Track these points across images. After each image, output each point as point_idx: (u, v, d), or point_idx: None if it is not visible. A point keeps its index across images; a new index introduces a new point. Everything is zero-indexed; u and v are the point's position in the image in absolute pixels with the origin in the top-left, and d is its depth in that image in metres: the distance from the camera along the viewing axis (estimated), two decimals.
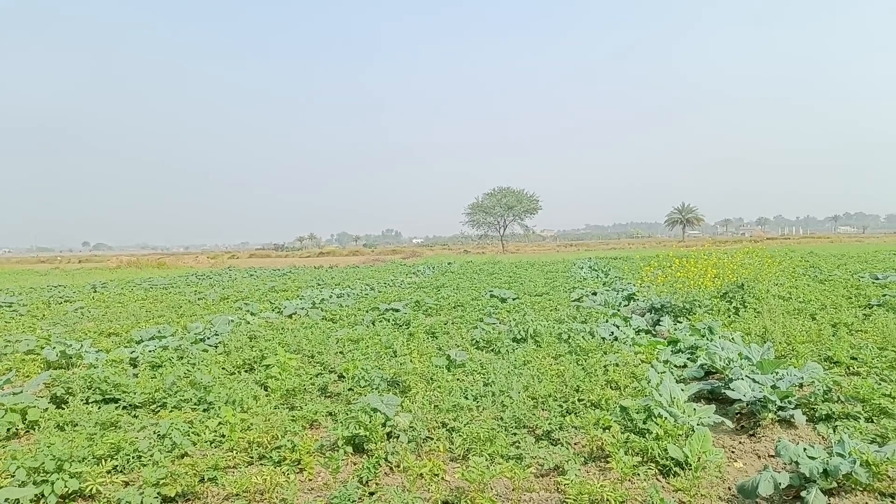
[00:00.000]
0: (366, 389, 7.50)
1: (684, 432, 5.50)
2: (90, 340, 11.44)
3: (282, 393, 7.47)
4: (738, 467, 5.28)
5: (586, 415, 6.08)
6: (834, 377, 6.97)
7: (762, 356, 7.67)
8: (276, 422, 6.13)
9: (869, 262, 28.17)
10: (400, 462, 5.29)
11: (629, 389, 7.19)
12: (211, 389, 7.37)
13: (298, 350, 10.02)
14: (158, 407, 7.24)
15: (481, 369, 8.42)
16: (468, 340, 10.64)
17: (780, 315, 11.61)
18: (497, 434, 5.68)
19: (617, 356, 8.70)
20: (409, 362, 8.61)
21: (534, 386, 7.25)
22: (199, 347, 10.69)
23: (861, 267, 25.13)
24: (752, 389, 6.47)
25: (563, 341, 10.19)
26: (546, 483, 4.98)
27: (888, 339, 9.11)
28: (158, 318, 16.16)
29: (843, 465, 4.41)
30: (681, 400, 6.11)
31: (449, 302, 16.99)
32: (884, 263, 26.94)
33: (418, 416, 6.23)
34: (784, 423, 6.22)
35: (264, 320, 14.83)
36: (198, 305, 19.50)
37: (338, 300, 19.39)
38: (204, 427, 6.11)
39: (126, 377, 8.32)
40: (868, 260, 30.44)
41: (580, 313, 13.53)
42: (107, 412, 6.66)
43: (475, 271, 34.17)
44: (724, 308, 12.67)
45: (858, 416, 6.03)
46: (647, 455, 5.17)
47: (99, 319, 16.38)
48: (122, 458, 5.39)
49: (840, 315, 11.60)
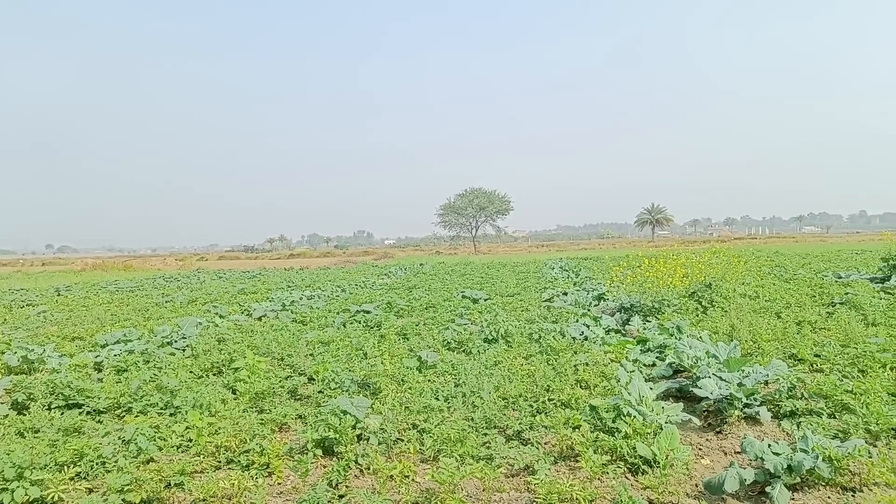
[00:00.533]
0: (336, 392, 7.44)
1: (653, 430, 5.55)
2: (53, 345, 11.20)
3: (250, 396, 7.37)
4: (706, 464, 5.34)
5: (556, 414, 6.10)
6: (798, 374, 7.08)
7: (729, 354, 7.77)
8: (244, 425, 6.05)
9: (832, 262, 28.79)
10: (370, 464, 5.25)
11: (599, 389, 7.23)
12: (178, 393, 7.25)
13: (268, 353, 9.93)
14: (124, 412, 7.10)
15: (452, 370, 8.41)
16: (440, 341, 10.63)
17: (746, 314, 11.79)
18: (468, 435, 5.68)
19: (587, 356, 8.76)
20: (379, 364, 8.58)
21: (504, 386, 7.26)
22: (166, 351, 10.53)
23: (825, 266, 25.67)
24: (718, 387, 6.55)
25: (534, 341, 10.23)
26: (516, 483, 4.98)
27: (850, 337, 9.29)
28: (124, 321, 15.89)
29: (806, 460, 4.49)
30: (649, 398, 6.17)
31: (421, 303, 16.97)
32: (846, 262, 27.53)
33: (389, 418, 6.20)
34: (750, 420, 6.31)
35: (233, 323, 14.67)
36: (165, 308, 19.20)
37: (308, 302, 19.25)
38: (170, 432, 6.01)
39: (90, 382, 8.14)
40: (831, 259, 31.11)
41: (551, 313, 13.61)
42: (70, 418, 6.50)
43: (447, 272, 34.20)
44: (692, 307, 12.83)
45: (821, 412, 6.13)
46: (617, 453, 5.20)
47: (62, 323, 16.03)
48: (86, 465, 5.27)
49: (804, 313, 11.81)
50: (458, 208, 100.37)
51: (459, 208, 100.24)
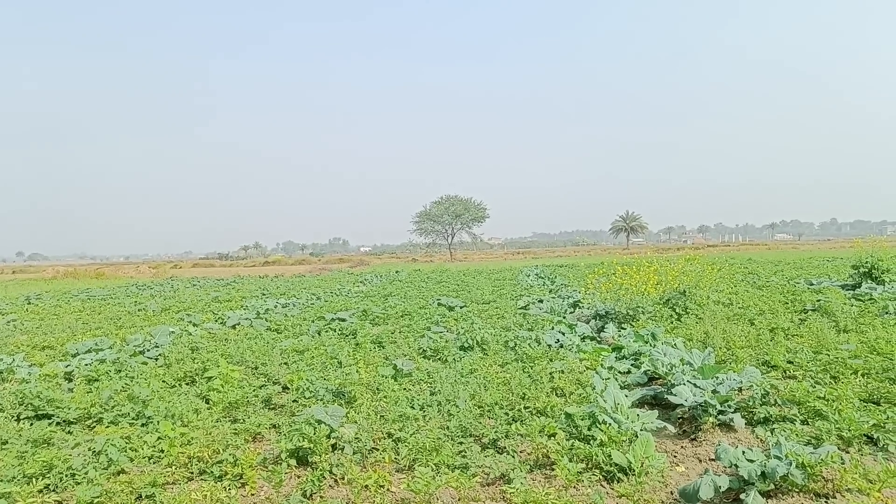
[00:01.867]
0: (311, 401, 7.38)
1: (628, 438, 5.58)
2: (23, 354, 11.00)
3: (224, 406, 7.28)
4: (681, 471, 5.37)
5: (532, 422, 6.10)
6: (771, 381, 7.17)
7: (703, 361, 7.85)
8: (217, 435, 5.98)
9: (804, 269, 29.25)
10: (345, 474, 5.20)
11: (574, 396, 7.24)
12: (150, 403, 7.14)
13: (242, 361, 9.83)
14: (94, 422, 6.98)
15: (428, 378, 8.38)
16: (415, 349, 10.60)
17: (720, 321, 11.92)
18: (443, 444, 5.66)
19: (563, 363, 8.77)
20: (355, 372, 8.53)
21: (480, 394, 7.25)
22: (139, 360, 10.38)
23: (797, 273, 26.08)
24: (693, 394, 6.61)
25: (510, 349, 10.23)
26: (492, 492, 4.97)
27: (822, 343, 9.42)
28: (96, 330, 15.62)
29: (779, 467, 4.53)
30: (625, 406, 6.20)
31: (396, 311, 16.90)
32: (818, 269, 27.99)
33: (364, 427, 6.16)
34: (724, 427, 6.35)
35: (207, 331, 14.49)
36: (138, 317, 18.94)
37: (283, 310, 19.10)
38: (142, 442, 5.93)
39: (60, 392, 8.02)
40: (803, 266, 31.63)
41: (527, 321, 13.64)
42: (39, 429, 6.37)
43: (423, 279, 34.15)
44: (666, 314, 12.93)
45: (795, 418, 6.20)
46: (592, 461, 5.20)
47: (32, 332, 15.71)
48: (55, 477, 5.17)
49: (777, 320, 11.96)
50: (433, 216, 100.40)
51: (435, 216, 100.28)
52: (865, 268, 18.16)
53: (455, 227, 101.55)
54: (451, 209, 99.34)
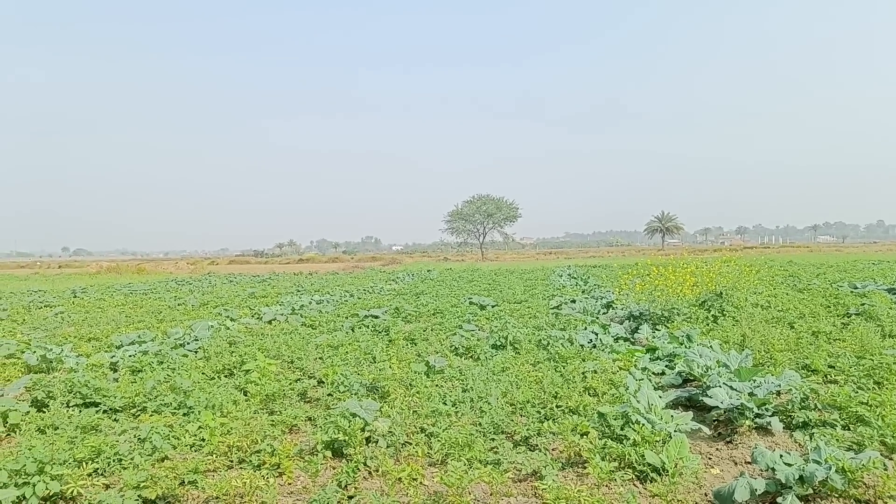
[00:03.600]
0: (345, 395, 7.50)
1: (661, 439, 5.56)
2: (70, 345, 11.32)
3: (261, 398, 7.45)
4: (715, 474, 5.33)
5: (564, 421, 6.11)
6: (811, 385, 7.05)
7: (740, 364, 7.76)
8: (255, 426, 6.12)
9: (848, 272, 28.53)
10: (379, 466, 5.30)
11: (607, 396, 7.22)
12: (191, 394, 7.34)
13: (278, 356, 10.00)
14: (139, 411, 7.20)
15: (460, 375, 8.44)
16: (447, 347, 10.66)
17: (758, 323, 11.73)
18: (475, 439, 5.71)
19: (595, 363, 8.74)
20: (388, 368, 8.63)
21: (512, 392, 7.28)
22: (179, 353, 10.63)
23: (840, 276, 25.45)
24: (729, 397, 6.55)
25: (542, 348, 10.24)
26: (524, 488, 5.01)
27: (866, 348, 9.21)
28: (138, 323, 16.02)
29: (818, 471, 4.47)
30: (658, 407, 6.17)
31: (428, 309, 16.98)
32: (862, 273, 27.27)
33: (397, 422, 6.24)
34: (761, 431, 6.29)
35: (244, 326, 14.76)
36: (178, 311, 19.34)
37: (317, 306, 19.33)
38: (184, 431, 6.09)
39: (106, 381, 8.30)
40: (847, 269, 30.83)
41: (559, 321, 13.61)
42: (87, 416, 6.60)
43: (454, 278, 34.20)
44: (702, 316, 12.78)
45: (835, 423, 6.09)
46: (624, 461, 5.21)
47: (79, 324, 16.17)
48: (103, 461, 5.37)
49: (819, 324, 11.73)
50: (465, 215, 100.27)
51: (467, 215, 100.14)
52: None
53: (487, 226, 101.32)
54: (483, 208, 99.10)
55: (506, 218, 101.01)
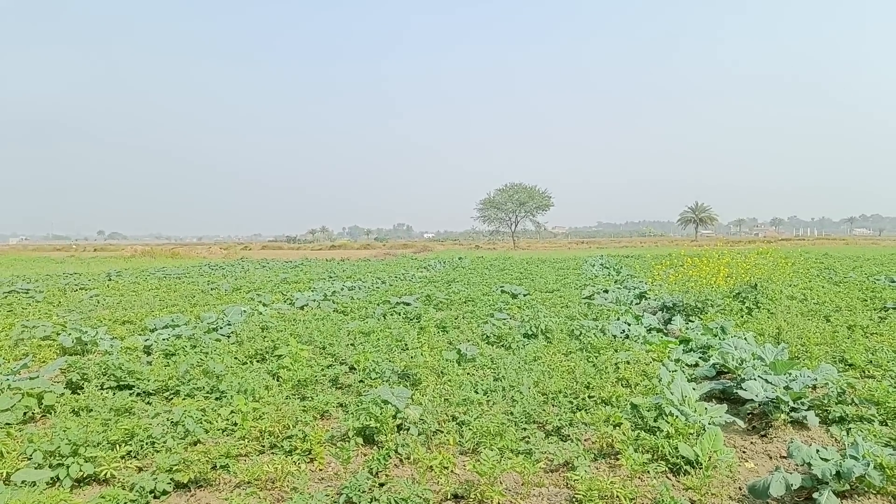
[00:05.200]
0: (376, 381, 7.53)
1: (695, 431, 5.49)
2: (105, 328, 11.53)
3: (293, 383, 7.51)
4: (750, 467, 5.26)
5: (596, 411, 6.08)
6: (848, 379, 6.93)
7: (775, 357, 7.62)
8: (287, 412, 6.17)
9: (885, 265, 27.88)
10: (410, 454, 5.31)
11: (640, 387, 7.15)
12: (223, 378, 7.44)
13: (310, 341, 10.06)
14: (172, 394, 7.32)
15: (491, 364, 8.43)
16: (479, 335, 10.64)
17: (794, 316, 11.53)
18: (507, 429, 5.69)
19: (628, 354, 8.67)
20: (419, 356, 8.63)
21: (544, 382, 7.24)
22: (212, 337, 10.76)
23: (877, 269, 24.88)
24: (764, 390, 6.44)
25: (574, 338, 10.17)
26: (555, 478, 4.99)
27: None
28: (172, 307, 16.28)
29: (856, 467, 4.39)
30: (692, 399, 6.09)
31: (460, 297, 16.98)
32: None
33: (429, 409, 6.25)
34: (796, 425, 6.19)
35: (276, 311, 14.90)
36: (211, 295, 19.61)
37: (349, 293, 19.45)
38: (216, 415, 6.18)
39: (140, 365, 8.41)
40: (884, 263, 30.14)
41: (591, 310, 13.51)
42: (121, 398, 6.71)
43: (486, 267, 34.14)
44: (736, 308, 12.59)
45: (873, 419, 5.99)
46: (658, 453, 5.15)
47: (113, 307, 16.50)
48: (136, 444, 5.46)
49: (855, 317, 11.50)
50: (497, 203, 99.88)
51: (499, 203, 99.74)
52: None
53: (519, 214, 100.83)
54: (516, 197, 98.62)
55: (538, 206, 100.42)
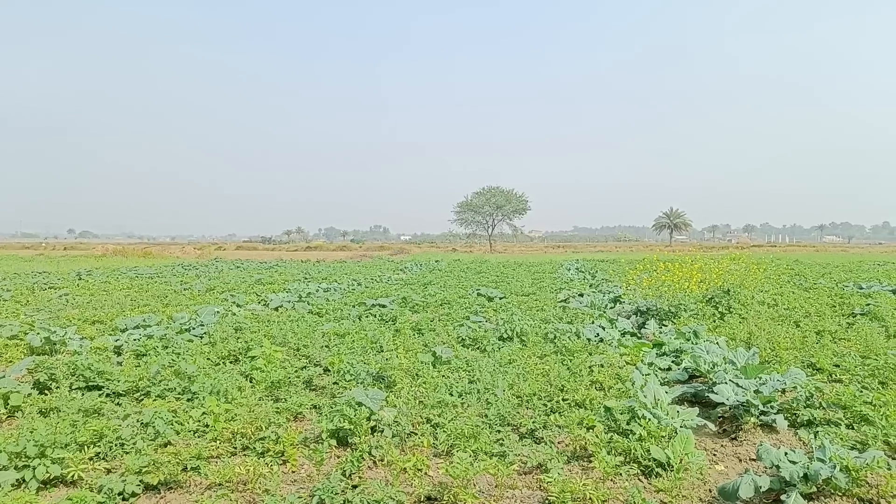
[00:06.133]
0: (351, 383, 7.49)
1: (667, 434, 5.54)
2: (74, 327, 11.32)
3: (267, 385, 7.45)
4: (720, 470, 5.32)
5: (570, 414, 6.12)
6: (816, 384, 7.05)
7: (746, 361, 7.73)
8: (260, 413, 6.12)
9: (854, 272, 28.47)
10: (384, 456, 5.29)
11: (614, 390, 7.21)
12: (195, 379, 7.33)
13: (284, 343, 9.99)
14: (142, 395, 7.20)
15: (467, 367, 8.43)
16: (454, 338, 10.65)
17: (764, 321, 11.71)
18: (481, 431, 5.70)
19: (602, 357, 8.74)
20: (394, 358, 8.60)
21: (519, 384, 7.27)
22: (185, 337, 10.64)
23: (846, 276, 25.40)
24: (735, 393, 6.52)
25: (549, 341, 10.21)
26: (529, 480, 5.00)
27: (871, 348, 9.20)
28: (143, 307, 16.04)
29: (823, 469, 4.45)
30: (664, 402, 6.15)
31: (436, 299, 16.98)
32: (868, 273, 27.22)
33: (403, 411, 6.23)
34: (766, 428, 6.28)
35: (250, 312, 14.77)
36: (183, 296, 19.38)
37: (324, 294, 19.35)
38: (188, 416, 6.09)
39: (110, 365, 8.26)
40: (853, 269, 30.77)
41: (566, 314, 13.59)
42: (90, 399, 6.60)
43: (463, 269, 34.21)
44: (709, 313, 12.75)
45: (840, 422, 6.09)
46: (630, 455, 5.19)
47: (83, 307, 16.22)
48: (105, 446, 5.37)
49: (824, 323, 11.71)
50: (475, 206, 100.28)
51: (476, 206, 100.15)
52: None
53: (496, 218, 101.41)
54: (493, 200, 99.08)
55: (515, 210, 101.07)
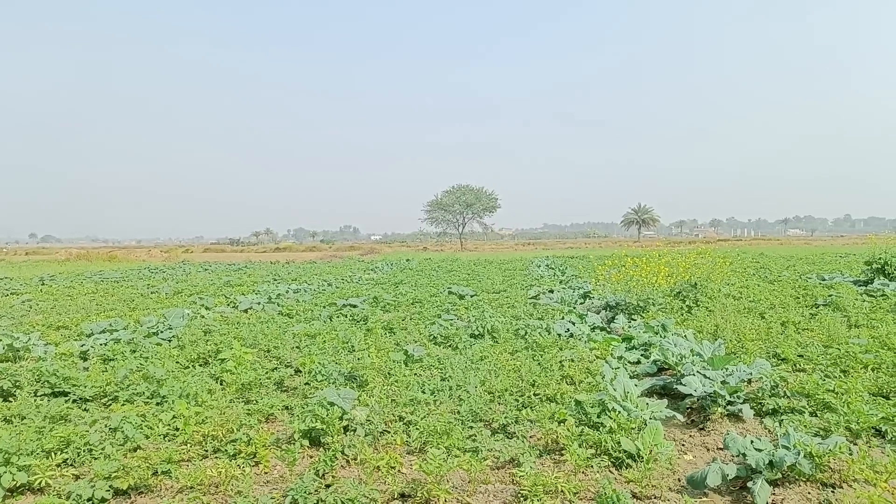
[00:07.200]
0: (323, 384, 7.46)
1: (637, 426, 5.61)
2: (38, 333, 11.12)
3: (237, 387, 7.38)
4: (689, 459, 5.41)
5: (542, 409, 6.16)
6: (781, 373, 7.20)
7: (713, 353, 7.86)
8: (231, 415, 6.07)
9: (816, 264, 29.06)
10: (357, 455, 5.29)
11: (584, 384, 7.28)
12: (164, 383, 7.25)
13: (254, 344, 9.93)
14: (110, 400, 7.09)
15: (439, 364, 8.45)
16: (426, 336, 10.66)
17: (731, 313, 11.89)
18: (454, 427, 5.72)
19: (572, 352, 8.80)
20: (366, 357, 8.58)
21: (490, 381, 7.31)
22: (153, 341, 10.50)
23: (809, 268, 25.92)
24: (702, 385, 6.63)
25: (520, 337, 10.28)
26: (502, 475, 5.03)
27: (833, 338, 9.41)
28: (110, 311, 15.78)
29: (787, 456, 4.57)
30: (634, 395, 6.23)
31: (407, 298, 16.96)
32: (830, 265, 27.80)
33: (375, 410, 6.23)
34: (733, 418, 6.39)
35: (219, 315, 14.63)
36: (151, 299, 19.09)
37: (294, 295, 19.22)
38: (157, 420, 6.03)
39: (76, 370, 8.15)
40: (815, 262, 31.41)
41: (537, 310, 13.68)
42: (56, 405, 6.48)
43: (434, 268, 34.19)
44: (677, 306, 12.93)
45: (804, 410, 6.23)
46: (601, 448, 5.25)
47: (47, 312, 15.91)
48: (73, 452, 5.30)
49: (788, 314, 11.93)
50: (445, 205, 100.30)
51: (446, 205, 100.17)
52: (878, 264, 18.05)
53: (466, 216, 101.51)
54: (463, 198, 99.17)
55: (485, 208, 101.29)
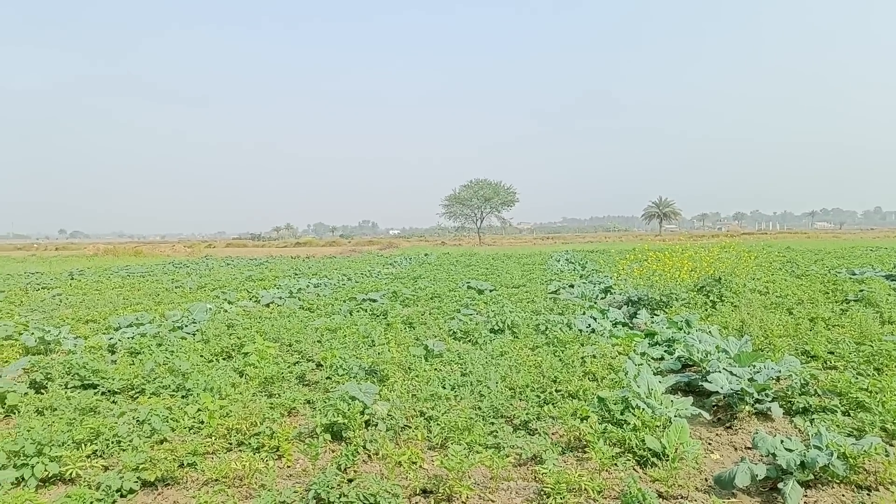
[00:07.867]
0: (344, 378, 7.48)
1: (662, 423, 5.54)
2: (68, 327, 11.26)
3: (260, 380, 7.43)
4: (715, 459, 5.33)
5: (564, 405, 6.11)
6: (811, 371, 7.04)
7: (740, 349, 7.74)
8: (254, 409, 6.10)
9: (846, 258, 28.51)
10: (378, 450, 5.29)
11: (607, 381, 7.21)
12: (189, 376, 7.31)
13: (276, 338, 9.97)
14: (137, 393, 7.19)
15: (459, 359, 8.43)
16: (445, 331, 10.64)
17: (757, 309, 11.71)
18: (475, 423, 5.69)
19: (594, 348, 8.73)
20: (386, 352, 8.59)
21: (511, 376, 7.27)
22: (178, 335, 10.60)
23: (838, 262, 25.44)
24: (729, 382, 6.53)
25: (541, 333, 10.22)
26: (524, 472, 5.00)
27: (865, 334, 9.20)
28: (136, 305, 15.99)
29: (820, 457, 4.46)
30: (658, 392, 6.16)
31: (426, 293, 16.94)
32: (860, 259, 27.26)
33: (396, 405, 6.23)
34: (761, 416, 6.29)
35: (242, 309, 14.73)
36: (175, 293, 19.31)
37: (315, 290, 19.34)
38: (183, 413, 6.08)
39: (105, 363, 8.28)
40: (845, 256, 30.81)
41: (557, 305, 13.61)
42: (86, 398, 6.59)
43: (452, 263, 34.18)
44: (701, 301, 12.76)
45: (835, 409, 6.08)
46: (625, 446, 5.20)
47: (77, 306, 16.16)
48: (102, 443, 5.37)
49: (817, 310, 11.71)
50: (463, 199, 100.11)
51: (465, 199, 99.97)
52: None
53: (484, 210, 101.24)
54: (481, 193, 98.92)
55: (503, 202, 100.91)
